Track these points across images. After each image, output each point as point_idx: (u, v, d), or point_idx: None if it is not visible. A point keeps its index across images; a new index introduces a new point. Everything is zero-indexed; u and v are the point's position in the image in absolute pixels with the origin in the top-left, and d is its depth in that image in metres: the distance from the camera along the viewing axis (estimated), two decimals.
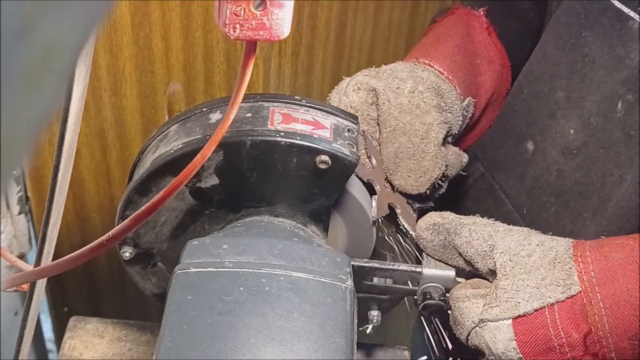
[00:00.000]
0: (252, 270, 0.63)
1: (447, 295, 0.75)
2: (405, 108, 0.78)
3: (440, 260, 0.76)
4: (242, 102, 0.71)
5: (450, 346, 0.78)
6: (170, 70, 1.07)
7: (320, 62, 1.23)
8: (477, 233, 0.72)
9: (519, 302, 0.68)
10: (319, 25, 1.18)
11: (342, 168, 0.70)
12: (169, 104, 1.11)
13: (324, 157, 0.69)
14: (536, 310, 0.67)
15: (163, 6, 1.01)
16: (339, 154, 0.70)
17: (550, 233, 0.73)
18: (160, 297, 0.78)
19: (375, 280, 0.76)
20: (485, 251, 0.71)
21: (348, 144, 0.71)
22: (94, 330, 0.93)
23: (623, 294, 0.65)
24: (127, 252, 0.76)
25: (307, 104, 0.74)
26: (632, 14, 0.75)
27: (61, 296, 1.37)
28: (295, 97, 0.75)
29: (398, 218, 0.78)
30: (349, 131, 0.74)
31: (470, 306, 0.71)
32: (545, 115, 0.83)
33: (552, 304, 0.67)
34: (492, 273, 0.71)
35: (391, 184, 0.79)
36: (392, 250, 0.81)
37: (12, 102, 0.23)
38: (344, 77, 0.84)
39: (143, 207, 0.50)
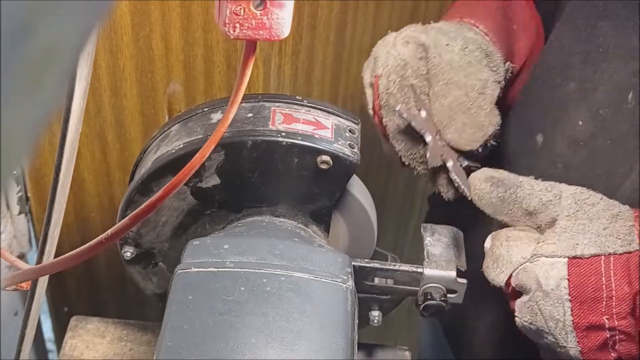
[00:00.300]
0: (253, 270, 0.63)
1: (449, 295, 0.75)
2: (456, 65, 0.77)
3: (491, 214, 0.74)
4: (243, 102, 0.71)
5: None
6: (170, 70, 1.07)
7: (320, 62, 1.23)
8: (539, 185, 0.71)
9: (578, 244, 0.67)
10: (319, 25, 1.18)
11: (343, 168, 0.70)
12: (169, 104, 1.11)
13: (325, 158, 0.69)
14: (593, 256, 0.67)
15: (163, 6, 1.01)
16: (340, 154, 0.70)
17: None
18: (161, 297, 0.78)
19: (376, 280, 0.76)
20: (551, 200, 0.70)
21: (349, 144, 0.71)
22: (95, 330, 0.93)
23: None
24: (128, 252, 0.76)
25: (309, 104, 0.74)
26: None
27: (61, 296, 1.37)
28: (297, 97, 0.75)
29: (450, 172, 0.77)
30: (350, 131, 0.74)
31: (522, 245, 0.70)
32: (556, 107, 0.82)
33: (609, 255, 0.66)
34: (551, 225, 0.70)
35: (442, 139, 0.78)
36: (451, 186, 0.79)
37: (13, 102, 0.23)
38: (389, 32, 0.83)
39: (142, 206, 0.50)
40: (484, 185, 0.73)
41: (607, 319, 0.67)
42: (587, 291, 0.67)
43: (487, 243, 0.73)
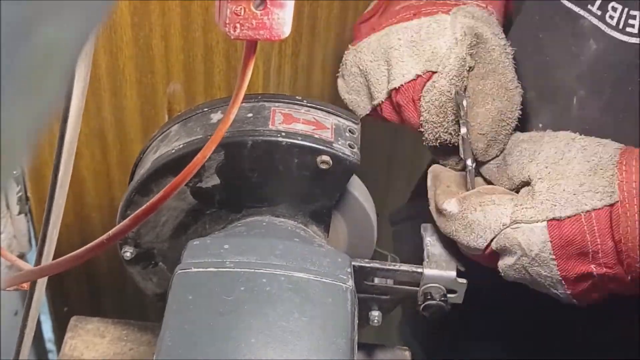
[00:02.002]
0: (253, 270, 0.63)
1: (449, 295, 0.75)
2: (499, 69, 0.78)
3: (491, 183, 0.75)
4: (243, 102, 0.71)
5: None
6: (170, 70, 1.07)
7: (320, 62, 1.23)
8: (526, 151, 0.72)
9: (555, 205, 0.67)
10: (319, 25, 1.18)
11: (343, 168, 0.70)
12: (169, 104, 1.11)
13: (325, 157, 0.69)
14: (570, 217, 0.67)
15: (163, 6, 1.01)
16: (340, 154, 0.70)
17: None
18: (161, 297, 0.78)
19: (376, 280, 0.76)
20: (526, 162, 0.71)
21: (349, 144, 0.71)
22: (94, 330, 0.93)
23: None
24: (128, 252, 0.76)
25: (308, 104, 0.74)
26: (582, 12, 0.76)
27: (61, 296, 1.37)
28: (297, 97, 0.75)
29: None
30: (350, 131, 0.73)
31: (497, 209, 0.70)
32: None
33: (589, 211, 0.66)
34: (525, 184, 0.71)
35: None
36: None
37: (13, 102, 0.23)
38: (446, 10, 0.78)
39: (143, 207, 0.50)
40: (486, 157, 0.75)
41: (595, 267, 0.68)
42: (572, 249, 0.68)
43: (454, 207, 0.72)
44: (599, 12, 0.75)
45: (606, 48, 0.75)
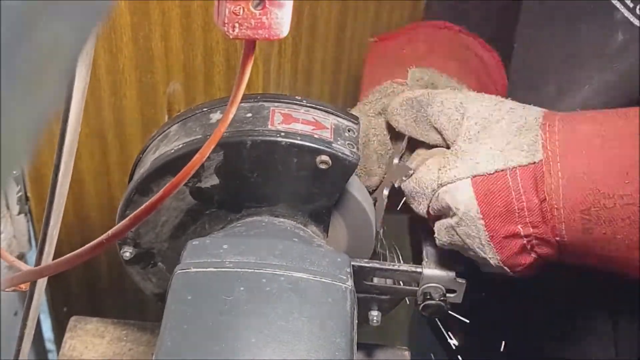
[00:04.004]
0: (252, 270, 0.63)
1: (448, 295, 0.75)
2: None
3: (413, 137, 0.76)
4: (242, 102, 0.71)
5: (455, 343, 0.79)
6: (170, 70, 1.07)
7: (320, 62, 1.23)
8: (449, 102, 0.72)
9: (479, 163, 0.68)
10: (319, 25, 1.18)
11: (343, 168, 0.70)
12: (168, 104, 1.11)
13: (324, 157, 0.69)
14: (497, 171, 0.67)
15: (163, 6, 1.01)
16: (340, 154, 0.70)
17: None
18: (160, 297, 0.78)
19: (376, 280, 0.76)
20: (457, 119, 0.71)
21: (348, 144, 0.71)
22: (94, 330, 0.93)
23: (583, 166, 0.65)
24: (127, 252, 0.76)
25: (308, 104, 0.74)
26: (617, 4, 0.77)
27: (61, 296, 1.37)
28: (296, 97, 0.75)
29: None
30: (349, 131, 0.74)
31: (428, 174, 0.71)
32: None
33: (514, 167, 0.67)
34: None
35: None
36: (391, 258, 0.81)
37: (13, 101, 0.23)
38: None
39: (142, 207, 0.50)
40: (399, 110, 0.75)
41: (521, 227, 0.68)
42: (498, 206, 0.68)
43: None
44: (631, 5, 0.76)
45: (632, 40, 0.76)
